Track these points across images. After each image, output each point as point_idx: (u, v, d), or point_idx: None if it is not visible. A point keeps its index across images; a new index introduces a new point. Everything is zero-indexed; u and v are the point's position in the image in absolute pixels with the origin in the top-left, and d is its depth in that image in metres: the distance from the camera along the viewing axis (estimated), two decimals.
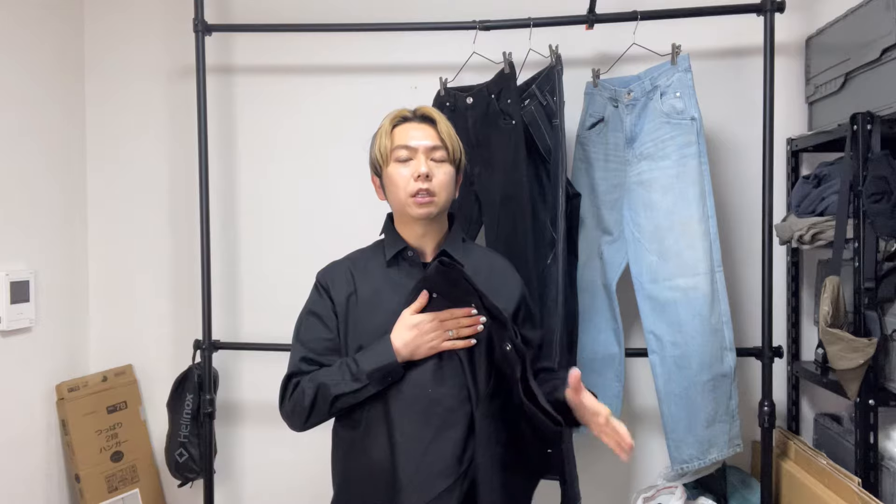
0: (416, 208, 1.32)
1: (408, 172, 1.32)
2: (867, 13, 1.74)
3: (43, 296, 2.17)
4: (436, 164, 1.33)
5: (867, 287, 1.60)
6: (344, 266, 1.41)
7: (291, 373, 1.35)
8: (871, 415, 1.61)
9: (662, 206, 1.88)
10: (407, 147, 1.33)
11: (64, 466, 2.22)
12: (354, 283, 1.37)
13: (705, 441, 1.84)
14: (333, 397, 1.26)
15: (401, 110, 1.40)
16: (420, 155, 1.33)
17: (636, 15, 1.93)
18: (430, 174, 1.31)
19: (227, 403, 2.33)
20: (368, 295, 1.35)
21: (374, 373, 1.25)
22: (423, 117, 1.38)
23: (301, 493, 2.31)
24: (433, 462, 1.24)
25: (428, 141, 1.34)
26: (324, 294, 1.38)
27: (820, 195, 1.81)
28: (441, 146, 1.35)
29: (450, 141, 1.36)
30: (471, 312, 1.25)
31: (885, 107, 1.63)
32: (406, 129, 1.36)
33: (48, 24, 2.22)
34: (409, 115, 1.39)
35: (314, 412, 1.29)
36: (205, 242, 2.10)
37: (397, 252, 1.37)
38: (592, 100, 2.00)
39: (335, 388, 1.26)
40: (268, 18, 2.26)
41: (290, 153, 2.31)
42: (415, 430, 1.26)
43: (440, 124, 1.37)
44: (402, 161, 1.33)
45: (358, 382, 1.25)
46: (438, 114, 1.39)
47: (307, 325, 1.37)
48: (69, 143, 2.32)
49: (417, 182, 1.31)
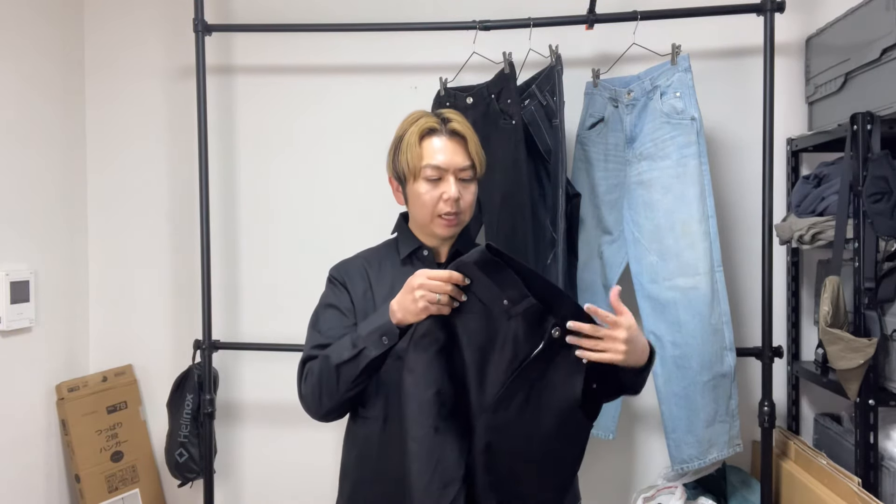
0: (441, 229, 1.32)
1: (437, 193, 1.29)
2: (867, 13, 1.74)
3: (43, 296, 2.17)
4: (464, 186, 1.31)
5: (867, 287, 1.60)
6: (358, 262, 1.40)
7: (305, 358, 1.31)
8: (871, 415, 1.61)
9: (662, 206, 1.88)
10: (438, 168, 1.29)
11: (64, 466, 2.22)
12: (369, 279, 1.36)
13: (705, 441, 1.84)
14: (335, 366, 1.22)
15: (428, 118, 1.33)
16: (450, 176, 1.30)
17: (636, 15, 1.93)
18: (459, 197, 1.29)
19: (227, 403, 2.33)
20: (384, 292, 1.34)
21: (371, 334, 1.21)
22: (452, 132, 1.32)
23: (301, 492, 2.31)
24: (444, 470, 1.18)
25: (459, 161, 1.30)
26: (340, 287, 1.36)
27: (820, 195, 1.81)
28: (470, 166, 1.32)
29: (478, 159, 1.33)
30: (463, 280, 1.15)
31: (885, 107, 1.63)
32: (435, 144, 1.31)
33: (48, 24, 2.22)
34: (438, 127, 1.32)
35: (324, 390, 1.25)
36: (205, 242, 2.10)
37: (411, 251, 1.36)
38: (592, 100, 2.00)
39: (336, 356, 1.23)
40: (268, 18, 2.26)
41: (290, 153, 2.31)
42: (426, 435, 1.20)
43: (470, 143, 1.32)
44: (430, 180, 1.30)
45: (356, 347, 1.21)
46: (467, 127, 1.34)
47: (325, 316, 1.35)
48: (69, 143, 2.32)
49: (446, 205, 1.29)
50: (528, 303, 1.15)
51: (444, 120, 1.33)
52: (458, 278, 1.14)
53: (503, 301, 1.16)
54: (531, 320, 1.15)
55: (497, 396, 1.18)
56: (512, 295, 1.15)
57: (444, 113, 1.35)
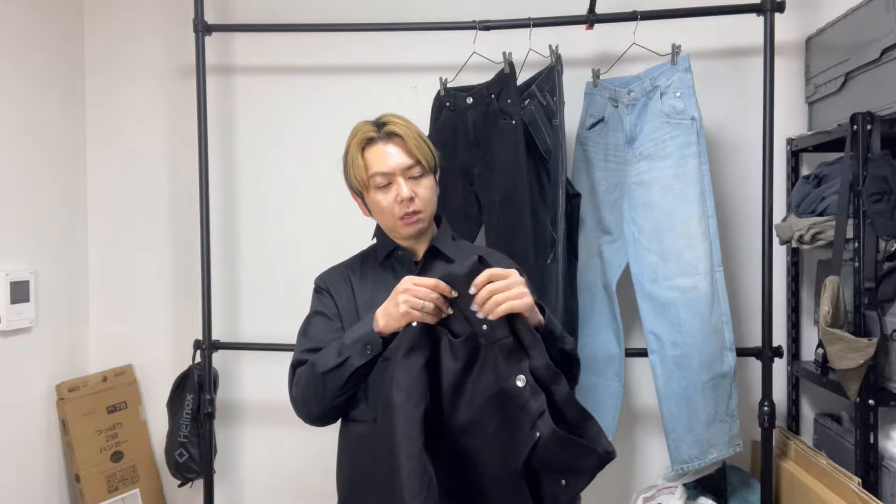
0: (406, 229, 1.34)
1: (391, 197, 1.32)
2: (867, 13, 1.74)
3: (43, 296, 2.17)
4: (415, 182, 1.33)
5: (867, 287, 1.60)
6: (340, 270, 1.44)
7: (295, 363, 1.33)
8: (871, 415, 1.61)
9: (662, 206, 1.88)
10: (383, 174, 1.31)
11: (64, 466, 2.22)
12: (352, 285, 1.40)
13: (705, 441, 1.84)
14: (321, 374, 1.23)
15: (364, 129, 1.34)
16: (398, 178, 1.31)
17: (636, 15, 1.93)
18: (412, 195, 1.31)
19: (227, 403, 2.33)
20: (366, 296, 1.37)
21: (355, 343, 1.21)
22: (389, 134, 1.33)
23: (301, 492, 2.31)
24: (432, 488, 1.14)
25: (401, 161, 1.31)
26: (325, 295, 1.40)
27: (820, 195, 1.81)
28: (415, 162, 1.33)
29: (421, 154, 1.33)
30: (451, 292, 1.12)
31: (885, 107, 1.63)
32: (376, 152, 1.32)
33: (48, 23, 2.22)
34: (375, 135, 1.33)
35: (313, 396, 1.26)
36: (205, 242, 2.10)
37: (389, 252, 1.39)
38: (592, 100, 2.00)
39: (322, 364, 1.24)
40: (268, 18, 2.26)
41: (290, 153, 2.31)
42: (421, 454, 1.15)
43: (408, 139, 1.32)
44: (381, 188, 1.32)
45: (341, 356, 1.22)
46: (402, 122, 1.35)
47: (314, 323, 1.38)
48: (69, 144, 2.32)
49: (402, 206, 1.31)
50: (505, 339, 1.11)
51: (378, 125, 1.34)
52: (445, 289, 1.12)
53: (483, 326, 1.12)
54: (507, 355, 1.11)
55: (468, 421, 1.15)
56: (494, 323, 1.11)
57: (382, 117, 1.36)
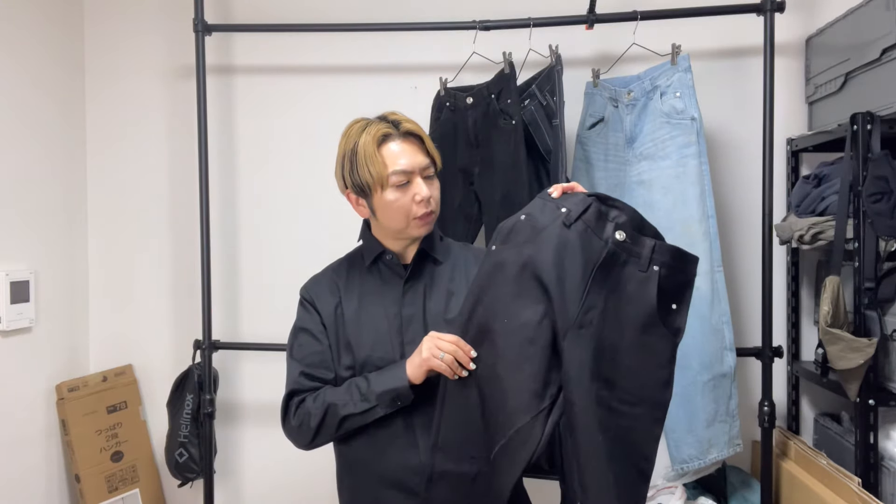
0: (420, 229, 1.31)
1: (409, 196, 1.29)
2: (867, 13, 1.74)
3: (43, 296, 2.17)
4: (430, 182, 1.32)
5: (867, 287, 1.60)
6: (327, 278, 1.41)
7: (292, 391, 1.34)
8: (871, 415, 1.61)
9: (662, 206, 1.87)
10: (404, 172, 1.28)
11: (64, 466, 2.22)
12: (339, 293, 1.37)
13: (705, 441, 1.83)
14: (342, 418, 1.26)
15: (378, 125, 1.30)
16: (416, 177, 1.29)
17: (636, 15, 1.93)
18: (430, 195, 1.30)
19: (227, 403, 2.33)
20: (354, 303, 1.35)
21: (384, 394, 1.24)
22: (406, 133, 1.30)
23: (301, 492, 2.31)
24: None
25: (420, 160, 1.30)
26: (310, 308, 1.37)
27: (820, 195, 1.81)
28: (431, 163, 1.32)
29: (435, 155, 1.34)
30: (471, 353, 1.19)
31: (885, 107, 1.63)
32: (394, 149, 1.28)
33: (48, 23, 2.22)
34: (392, 132, 1.29)
35: (321, 432, 1.29)
36: (205, 242, 2.10)
37: (376, 256, 1.36)
38: (592, 100, 2.00)
39: (343, 408, 1.25)
40: (268, 18, 2.26)
41: (290, 153, 2.31)
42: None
43: (426, 140, 1.33)
44: (399, 186, 1.28)
45: (367, 403, 1.24)
46: (418, 125, 1.34)
47: (298, 342, 1.36)
48: (69, 143, 2.32)
49: (421, 206, 1.29)
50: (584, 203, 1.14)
51: (394, 123, 1.31)
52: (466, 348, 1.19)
53: (561, 209, 1.15)
54: (593, 223, 1.13)
55: (579, 310, 1.12)
56: (569, 204, 1.15)
57: (391, 115, 1.34)
